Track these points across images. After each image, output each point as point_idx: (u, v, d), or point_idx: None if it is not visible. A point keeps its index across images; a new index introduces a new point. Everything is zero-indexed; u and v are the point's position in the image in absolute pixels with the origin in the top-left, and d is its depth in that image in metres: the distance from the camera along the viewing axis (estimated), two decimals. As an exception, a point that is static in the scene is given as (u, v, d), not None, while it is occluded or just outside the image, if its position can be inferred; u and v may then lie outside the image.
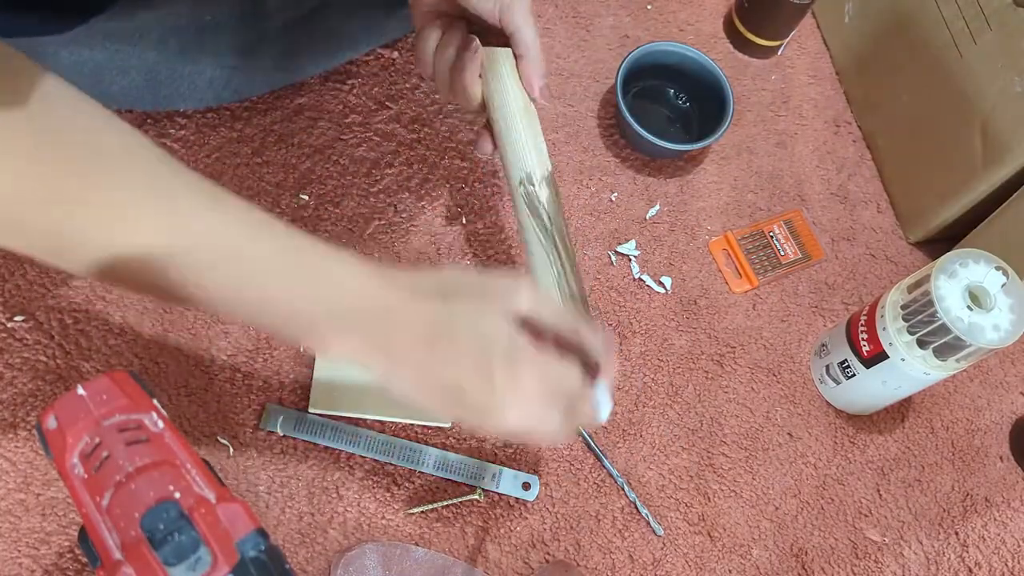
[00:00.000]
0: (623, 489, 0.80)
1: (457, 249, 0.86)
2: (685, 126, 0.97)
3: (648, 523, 0.79)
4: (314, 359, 0.78)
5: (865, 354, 0.79)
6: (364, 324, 0.56)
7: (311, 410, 0.76)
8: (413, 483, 0.76)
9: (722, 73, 0.94)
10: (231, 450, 0.75)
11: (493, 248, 0.86)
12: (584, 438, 0.80)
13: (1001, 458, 0.89)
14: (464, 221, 0.87)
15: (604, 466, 0.80)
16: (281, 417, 0.76)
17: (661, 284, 0.89)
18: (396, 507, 0.75)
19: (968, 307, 0.72)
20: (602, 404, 0.60)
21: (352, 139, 0.88)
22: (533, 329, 0.57)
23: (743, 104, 1.00)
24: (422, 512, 0.76)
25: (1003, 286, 0.74)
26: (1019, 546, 0.85)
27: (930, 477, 0.86)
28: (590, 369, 0.59)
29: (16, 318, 0.75)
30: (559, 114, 0.95)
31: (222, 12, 0.74)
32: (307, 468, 0.75)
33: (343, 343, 0.57)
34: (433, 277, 0.58)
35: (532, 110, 0.70)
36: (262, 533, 0.54)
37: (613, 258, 0.89)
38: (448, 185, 0.88)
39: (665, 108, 0.98)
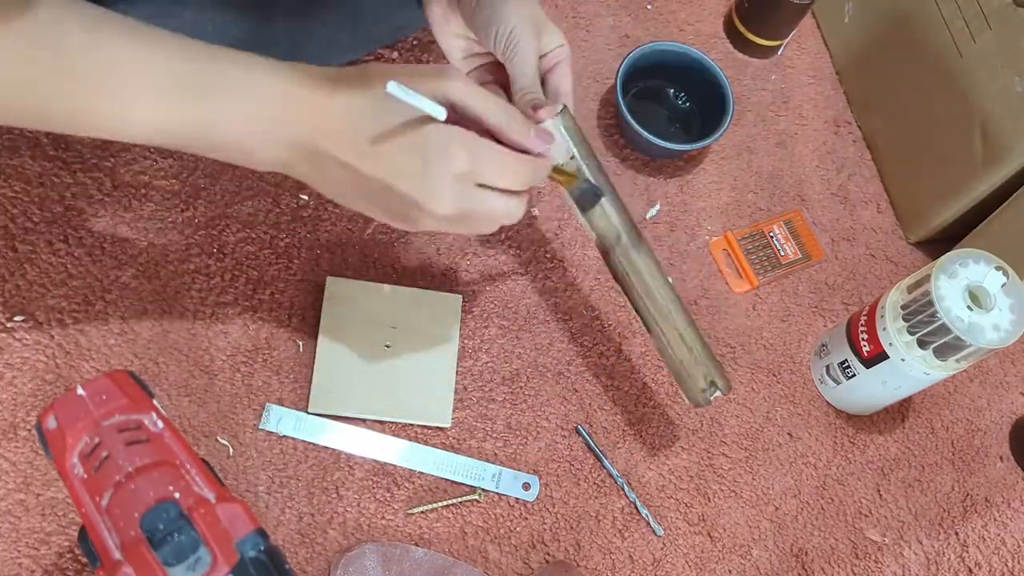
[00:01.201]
0: (623, 489, 0.80)
1: (457, 249, 0.86)
2: (685, 126, 0.97)
3: (648, 523, 0.79)
4: (314, 359, 0.78)
5: (865, 354, 0.79)
6: (290, 124, 0.55)
7: (311, 410, 0.76)
8: (413, 483, 0.76)
9: (722, 73, 0.94)
10: (231, 450, 0.75)
11: (493, 248, 0.86)
12: (584, 438, 0.80)
13: (1001, 458, 0.89)
14: (464, 221, 0.87)
15: (604, 466, 0.80)
16: (281, 417, 0.76)
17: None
18: (396, 507, 0.75)
19: (968, 307, 0.72)
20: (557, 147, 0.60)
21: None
22: (462, 115, 0.56)
23: (743, 104, 1.00)
24: (422, 512, 0.76)
25: (1003, 286, 0.74)
26: (1019, 546, 0.85)
27: (930, 477, 0.86)
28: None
29: (16, 318, 0.75)
30: (559, 114, 0.95)
31: (225, 21, 0.74)
32: (307, 468, 0.75)
33: (265, 152, 0.55)
34: (356, 69, 0.56)
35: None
36: (262, 533, 0.54)
37: (613, 258, 0.89)
38: (448, 185, 0.88)
39: (665, 108, 0.98)
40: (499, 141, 0.58)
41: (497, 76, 0.70)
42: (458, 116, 0.56)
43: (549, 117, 0.63)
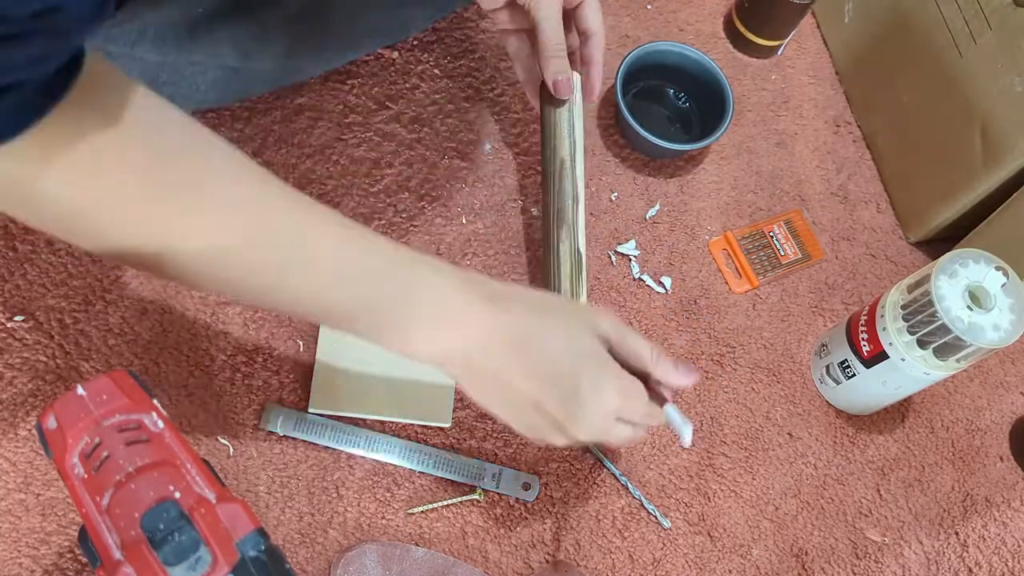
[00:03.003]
0: (627, 487, 0.80)
1: (457, 249, 0.86)
2: (685, 126, 0.97)
3: (656, 519, 0.79)
4: (314, 359, 0.78)
5: (865, 354, 0.79)
6: (449, 328, 0.57)
7: (311, 410, 0.76)
8: (413, 483, 0.76)
9: (722, 73, 0.94)
10: (231, 450, 0.75)
11: (493, 248, 0.86)
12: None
13: (1001, 458, 0.89)
14: (464, 221, 0.87)
15: (605, 465, 0.80)
16: (281, 417, 0.76)
17: (661, 284, 0.89)
18: (396, 507, 0.75)
19: (968, 307, 0.72)
20: (682, 428, 0.65)
21: (352, 139, 0.88)
22: (612, 347, 0.61)
23: (743, 104, 1.00)
24: (422, 512, 0.76)
25: (1003, 286, 0.74)
26: (1019, 546, 0.85)
27: (930, 477, 0.86)
28: (656, 395, 0.64)
29: (16, 318, 0.75)
30: (559, 114, 0.95)
31: (213, 2, 0.74)
32: (307, 468, 0.75)
33: (428, 345, 0.58)
34: (520, 290, 0.61)
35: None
36: (262, 533, 0.54)
37: (613, 258, 0.89)
38: (448, 185, 0.88)
39: (665, 108, 0.98)
40: (635, 370, 0.63)
41: (525, 20, 0.76)
42: (608, 346, 0.61)
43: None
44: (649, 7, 1.04)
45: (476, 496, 0.77)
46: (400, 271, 0.56)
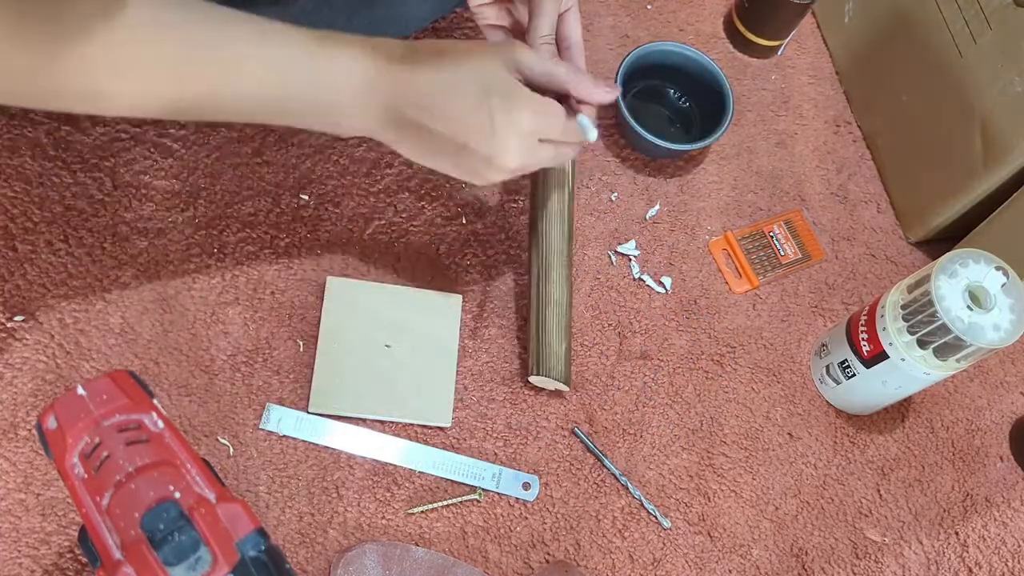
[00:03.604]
0: (627, 487, 0.80)
1: (457, 249, 0.86)
2: (685, 126, 0.97)
3: (656, 519, 0.79)
4: (314, 359, 0.78)
5: (865, 354, 0.79)
6: (369, 95, 0.62)
7: (311, 410, 0.76)
8: (413, 483, 0.76)
9: (722, 73, 0.94)
10: (231, 450, 0.75)
11: (493, 248, 0.86)
12: (581, 439, 0.80)
13: (1001, 458, 0.89)
14: (464, 221, 0.87)
15: (605, 465, 0.80)
16: (281, 417, 0.76)
17: (661, 284, 0.89)
18: (396, 507, 0.75)
19: (968, 307, 0.72)
20: (588, 127, 0.68)
21: (352, 139, 0.88)
22: (524, 79, 0.65)
23: (743, 104, 1.00)
24: (422, 512, 0.76)
25: (1003, 286, 0.74)
26: (1019, 546, 0.85)
27: (930, 477, 0.86)
28: (570, 108, 0.68)
29: (16, 318, 0.75)
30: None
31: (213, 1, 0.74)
32: (307, 468, 0.75)
33: (354, 122, 0.63)
34: (428, 42, 0.65)
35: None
36: (262, 533, 0.54)
37: (613, 258, 0.89)
38: (448, 185, 0.88)
39: (665, 108, 0.98)
40: (563, 99, 0.67)
41: (509, 18, 0.78)
42: (524, 79, 0.65)
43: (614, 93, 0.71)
44: (649, 7, 1.04)
45: (476, 496, 0.77)
46: (315, 57, 0.61)
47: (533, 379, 0.79)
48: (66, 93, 0.54)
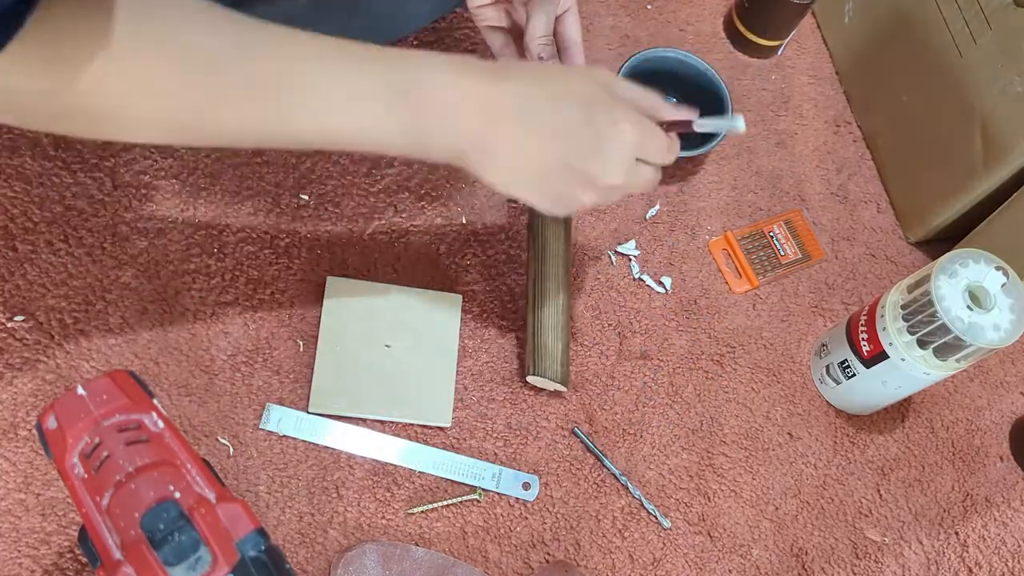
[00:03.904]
0: (627, 487, 0.80)
1: (457, 249, 0.86)
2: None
3: (656, 519, 0.79)
4: (314, 359, 0.78)
5: (865, 354, 0.79)
6: (458, 116, 0.58)
7: (311, 410, 0.76)
8: (413, 483, 0.76)
9: (720, 79, 0.93)
10: (231, 450, 0.75)
11: (493, 248, 0.86)
12: (581, 439, 0.80)
13: (1001, 458, 0.89)
14: (464, 221, 0.87)
15: (605, 465, 0.80)
16: (281, 417, 0.76)
17: (661, 284, 0.89)
18: (396, 507, 0.75)
19: (968, 307, 0.72)
20: (732, 122, 0.66)
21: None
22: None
23: (743, 104, 1.00)
24: (422, 512, 0.76)
25: (1003, 286, 0.74)
26: (1019, 546, 0.85)
27: (930, 477, 0.86)
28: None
29: (16, 318, 0.75)
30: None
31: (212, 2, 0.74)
32: (307, 468, 0.75)
33: (445, 143, 0.58)
34: (514, 62, 0.63)
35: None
36: (262, 533, 0.54)
37: (613, 258, 0.89)
38: (448, 185, 0.88)
39: (665, 109, 0.98)
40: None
41: (508, 19, 0.76)
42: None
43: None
44: (649, 7, 1.04)
45: (476, 496, 0.77)
46: (397, 80, 0.56)
47: (531, 379, 0.79)
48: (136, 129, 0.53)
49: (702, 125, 0.67)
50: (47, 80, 0.47)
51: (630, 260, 0.89)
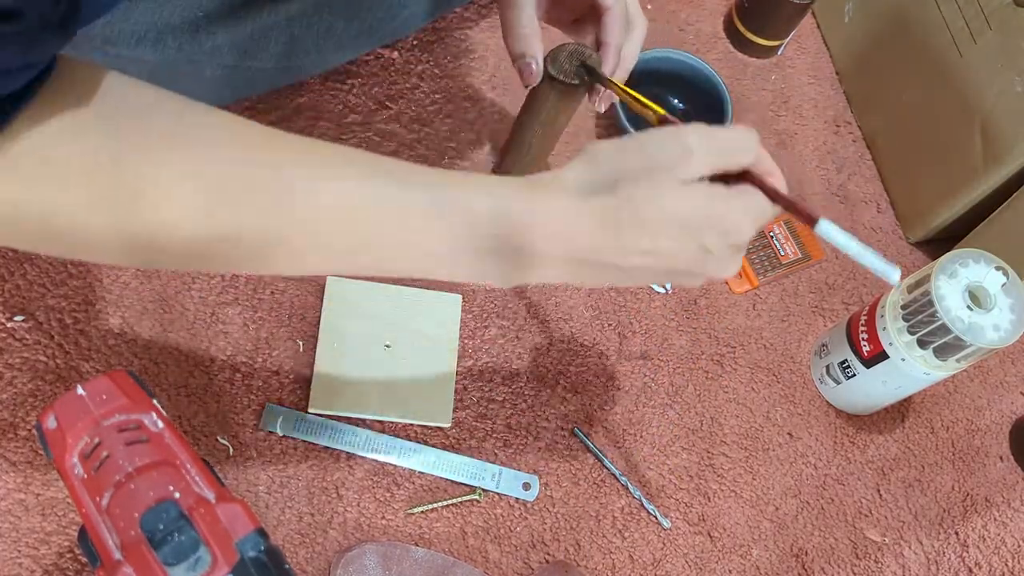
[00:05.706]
0: (627, 487, 0.80)
1: (457, 249, 0.85)
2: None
3: (656, 519, 0.79)
4: (314, 359, 0.78)
5: (865, 354, 0.79)
6: (539, 248, 0.51)
7: (311, 410, 0.76)
8: (413, 483, 0.76)
9: (720, 80, 0.93)
10: (231, 450, 0.75)
11: (493, 248, 0.86)
12: (581, 439, 0.80)
13: (1001, 458, 0.89)
14: (464, 221, 0.87)
15: (605, 465, 0.80)
16: (281, 417, 0.76)
17: (661, 284, 0.89)
18: (396, 507, 0.75)
19: (968, 307, 0.72)
20: (891, 271, 0.51)
21: (352, 139, 0.88)
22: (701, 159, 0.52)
23: (743, 104, 1.00)
24: (422, 512, 0.76)
25: (1003, 286, 0.74)
26: (1019, 546, 0.85)
27: (930, 477, 0.86)
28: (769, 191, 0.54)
29: (16, 318, 0.75)
30: (559, 114, 0.95)
31: (212, 4, 0.74)
32: (307, 468, 0.75)
33: (527, 272, 0.52)
34: (585, 170, 0.51)
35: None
36: (262, 533, 0.54)
37: (613, 258, 0.89)
38: (448, 185, 0.88)
39: (665, 110, 0.98)
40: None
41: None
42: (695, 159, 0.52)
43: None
44: (649, 7, 1.04)
45: (476, 496, 0.77)
46: (509, 208, 0.50)
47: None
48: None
49: (848, 247, 0.51)
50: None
51: (630, 260, 0.89)
